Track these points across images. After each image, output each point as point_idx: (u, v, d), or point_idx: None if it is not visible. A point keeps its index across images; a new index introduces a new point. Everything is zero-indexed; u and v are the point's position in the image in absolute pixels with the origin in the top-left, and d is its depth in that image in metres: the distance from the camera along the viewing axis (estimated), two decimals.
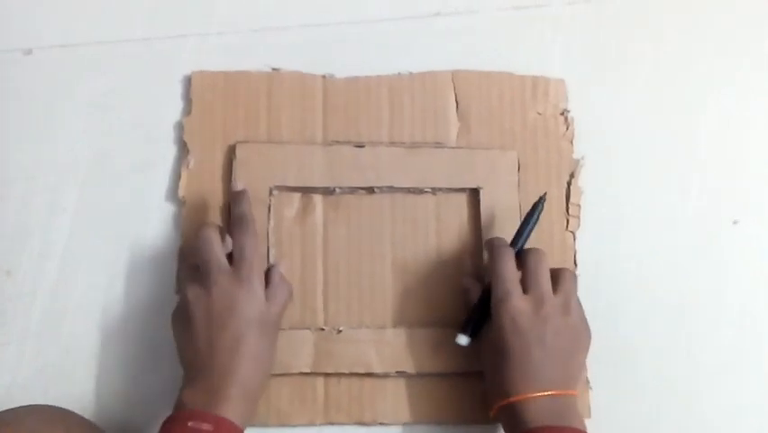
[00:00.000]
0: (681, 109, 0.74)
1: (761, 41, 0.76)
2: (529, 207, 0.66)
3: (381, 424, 0.66)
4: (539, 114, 0.72)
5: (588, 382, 0.67)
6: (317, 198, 0.69)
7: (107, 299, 0.69)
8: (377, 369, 0.66)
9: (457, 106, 0.71)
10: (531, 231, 0.65)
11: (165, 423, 0.57)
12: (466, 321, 0.64)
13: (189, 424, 0.55)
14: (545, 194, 0.66)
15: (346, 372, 0.66)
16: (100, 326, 0.68)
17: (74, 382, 0.67)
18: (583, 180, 0.71)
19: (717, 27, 0.76)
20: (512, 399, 0.59)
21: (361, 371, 0.66)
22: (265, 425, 0.66)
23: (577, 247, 0.69)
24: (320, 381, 0.67)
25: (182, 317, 0.61)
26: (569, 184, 0.70)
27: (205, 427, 0.55)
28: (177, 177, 0.70)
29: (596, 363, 0.66)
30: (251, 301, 0.60)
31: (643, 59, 0.75)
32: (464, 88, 0.72)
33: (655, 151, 0.73)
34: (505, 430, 0.61)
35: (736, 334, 0.70)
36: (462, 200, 0.70)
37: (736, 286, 0.71)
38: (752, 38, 0.76)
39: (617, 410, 0.67)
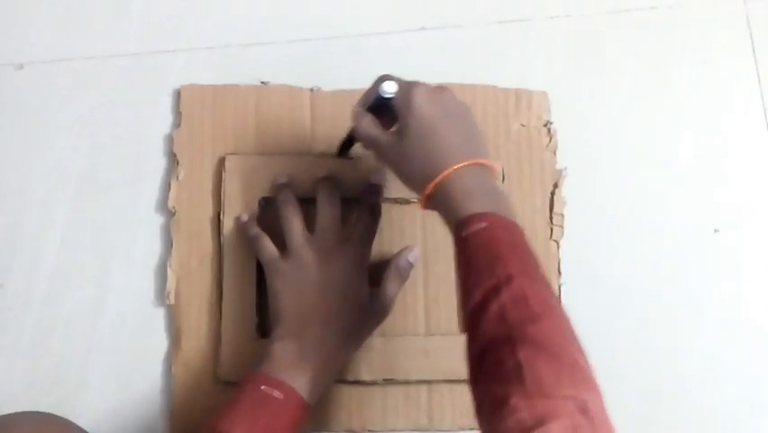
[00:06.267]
0: (662, 120, 0.75)
1: (740, 52, 0.77)
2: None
3: (369, 431, 0.67)
4: (522, 126, 0.73)
5: None
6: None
7: (97, 311, 0.69)
8: (365, 376, 0.66)
9: None
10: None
11: (245, 379, 0.59)
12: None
13: (262, 388, 0.57)
14: None
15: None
16: (90, 338, 0.68)
17: (64, 394, 0.67)
18: (566, 190, 0.72)
19: (696, 39, 0.77)
20: (441, 175, 0.55)
21: (350, 378, 0.66)
22: None
23: (561, 256, 0.70)
24: None
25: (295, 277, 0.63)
26: (552, 194, 0.71)
27: (276, 394, 0.57)
28: (166, 189, 0.70)
29: None
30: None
31: (623, 71, 0.76)
32: None
33: (637, 161, 0.74)
34: (445, 220, 0.57)
35: (718, 341, 0.71)
36: None
37: (717, 293, 0.72)
38: (731, 48, 0.77)
39: None
